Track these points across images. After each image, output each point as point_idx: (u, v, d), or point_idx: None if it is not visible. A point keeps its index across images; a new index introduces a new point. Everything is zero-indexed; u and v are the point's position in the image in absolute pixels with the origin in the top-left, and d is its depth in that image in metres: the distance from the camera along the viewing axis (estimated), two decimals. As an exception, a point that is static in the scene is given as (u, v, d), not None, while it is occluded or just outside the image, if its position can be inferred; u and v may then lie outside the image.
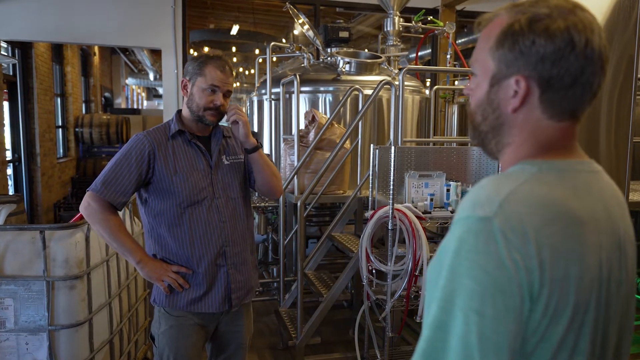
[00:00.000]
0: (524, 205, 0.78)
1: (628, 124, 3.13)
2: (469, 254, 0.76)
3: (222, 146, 2.13)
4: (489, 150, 0.95)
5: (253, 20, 9.53)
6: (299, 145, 3.88)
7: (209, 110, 2.03)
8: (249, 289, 2.18)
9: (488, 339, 0.73)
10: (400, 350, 3.44)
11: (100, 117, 10.29)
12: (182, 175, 2.01)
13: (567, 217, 0.80)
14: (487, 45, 0.88)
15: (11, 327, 2.38)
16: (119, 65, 16.01)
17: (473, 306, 0.74)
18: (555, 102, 0.85)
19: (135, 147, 2.00)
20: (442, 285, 0.78)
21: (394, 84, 3.43)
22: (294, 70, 4.52)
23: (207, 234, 2.04)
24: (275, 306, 4.25)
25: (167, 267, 2.02)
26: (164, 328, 2.08)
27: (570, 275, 0.78)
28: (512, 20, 0.85)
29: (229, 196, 2.10)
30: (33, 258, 2.39)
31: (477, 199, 0.81)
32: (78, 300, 2.46)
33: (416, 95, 4.67)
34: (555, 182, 0.84)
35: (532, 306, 0.75)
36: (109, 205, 1.99)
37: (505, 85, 0.87)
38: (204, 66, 2.02)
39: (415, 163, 3.13)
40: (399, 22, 4.71)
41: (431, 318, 0.78)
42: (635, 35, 3.05)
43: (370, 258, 2.90)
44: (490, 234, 0.75)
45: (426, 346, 0.78)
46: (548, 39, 0.81)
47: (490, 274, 0.74)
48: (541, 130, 0.87)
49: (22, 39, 6.25)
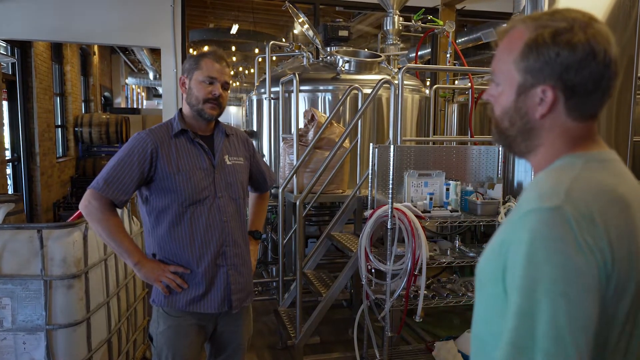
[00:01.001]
0: (587, 192, 0.87)
1: (628, 123, 3.13)
2: (545, 241, 0.82)
3: (224, 146, 2.12)
4: (517, 151, 1.02)
5: (253, 20, 9.52)
6: (298, 145, 3.87)
7: (208, 102, 2.01)
8: (249, 291, 2.18)
9: (576, 319, 0.79)
10: (400, 350, 3.43)
11: (99, 116, 10.28)
12: (185, 174, 1.99)
13: (620, 201, 0.89)
14: (511, 57, 0.95)
15: (9, 326, 2.37)
16: (118, 64, 16.00)
17: (558, 290, 0.79)
18: (579, 107, 0.93)
19: (137, 146, 1.99)
20: (520, 275, 0.82)
21: (393, 83, 3.43)
22: (293, 70, 4.51)
23: (208, 233, 2.02)
24: (274, 306, 4.24)
25: (164, 268, 2.00)
26: (162, 328, 2.06)
27: (632, 252, 0.86)
28: (535, 33, 0.92)
29: (230, 196, 2.08)
30: (31, 257, 2.38)
31: (541, 192, 0.88)
32: (76, 299, 2.45)
33: (416, 94, 4.66)
34: (602, 170, 0.93)
35: (607, 285, 0.83)
36: (110, 203, 1.97)
37: (532, 94, 0.94)
38: (200, 60, 2.03)
39: (414, 162, 3.12)
40: (398, 21, 4.70)
41: (514, 307, 0.82)
42: (635, 35, 3.04)
43: (370, 257, 2.89)
44: (564, 220, 0.82)
45: (514, 335, 0.81)
46: (571, 51, 0.90)
47: (571, 258, 0.80)
48: (568, 131, 0.95)
49: (21, 38, 6.24)
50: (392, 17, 4.68)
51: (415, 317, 2.83)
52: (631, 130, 3.14)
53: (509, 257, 0.86)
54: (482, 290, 0.96)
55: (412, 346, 3.58)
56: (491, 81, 1.03)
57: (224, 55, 2.09)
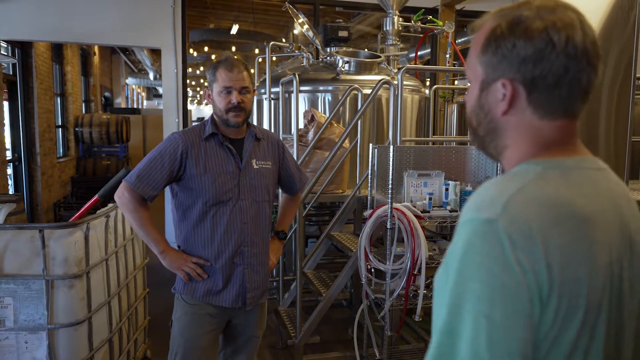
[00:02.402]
0: (530, 205, 0.77)
1: (627, 123, 3.14)
2: (476, 256, 0.75)
3: (253, 150, 2.22)
4: (489, 153, 0.96)
5: (253, 20, 9.53)
6: (298, 145, 3.88)
7: (230, 111, 2.11)
8: (264, 289, 2.29)
9: (497, 343, 0.72)
10: (399, 349, 3.45)
11: (100, 116, 10.29)
12: (211, 175, 2.11)
13: (574, 217, 0.78)
14: (476, 51, 0.89)
15: (10, 325, 2.38)
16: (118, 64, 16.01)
17: (481, 310, 0.73)
18: (544, 102, 0.85)
19: (170, 146, 2.12)
20: (450, 289, 0.77)
21: (393, 84, 3.44)
22: (293, 70, 4.52)
23: (228, 233, 2.13)
24: (274, 305, 4.25)
25: (187, 258, 2.15)
26: (178, 314, 2.21)
27: (580, 276, 0.76)
28: (494, 24, 0.86)
29: (253, 199, 2.18)
30: (32, 257, 2.39)
31: (481, 201, 0.80)
32: (77, 299, 2.46)
33: (415, 94, 4.67)
34: (560, 180, 0.82)
35: (542, 310, 0.74)
36: (141, 197, 2.11)
37: (493, 90, 0.87)
38: (216, 72, 2.12)
39: (414, 162, 3.13)
40: (398, 21, 4.72)
41: (440, 323, 0.77)
42: (634, 35, 3.05)
43: (369, 257, 2.90)
44: (496, 236, 0.74)
45: (436, 352, 0.77)
46: (527, 41, 0.82)
47: (498, 276, 0.73)
48: (536, 130, 0.87)
49: (22, 38, 6.26)
50: (391, 17, 4.69)
51: (415, 316, 2.85)
52: (629, 130, 3.16)
53: (449, 269, 0.80)
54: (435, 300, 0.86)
55: (411, 345, 3.60)
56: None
57: (238, 61, 2.16)
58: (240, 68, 2.13)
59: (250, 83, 2.16)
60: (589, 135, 3.10)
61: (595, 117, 3.09)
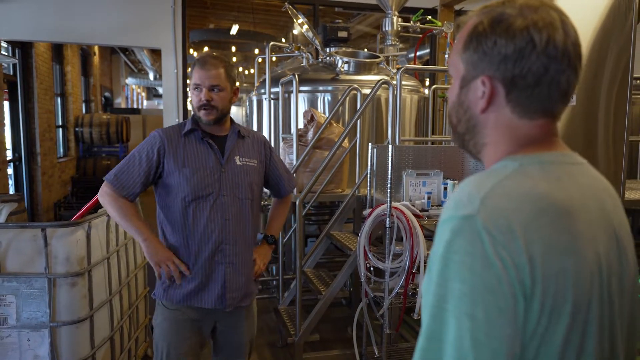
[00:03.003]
0: (508, 200, 0.76)
1: (624, 123, 3.17)
2: (456, 255, 0.74)
3: (236, 146, 2.18)
4: (469, 151, 0.95)
5: (252, 20, 9.55)
6: (298, 144, 3.91)
7: (201, 109, 2.08)
8: (247, 292, 2.21)
9: (482, 343, 0.70)
10: (398, 347, 3.47)
11: (100, 116, 10.31)
12: (190, 169, 2.07)
13: (554, 209, 0.77)
14: (458, 48, 0.89)
15: (13, 323, 2.41)
16: (118, 65, 16.03)
17: (464, 309, 0.71)
18: (522, 101, 0.84)
19: (148, 143, 2.12)
20: (433, 291, 0.75)
21: (392, 84, 3.46)
22: (293, 70, 4.55)
23: (208, 229, 2.08)
24: (274, 304, 4.28)
25: (169, 255, 2.08)
26: (159, 320, 2.16)
27: (565, 269, 0.75)
28: (477, 21, 0.85)
29: (235, 195, 2.13)
30: (35, 255, 2.42)
31: (459, 199, 0.79)
32: (79, 297, 2.48)
33: (414, 94, 4.70)
34: (538, 175, 0.81)
35: (527, 305, 0.72)
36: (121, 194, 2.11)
37: (473, 87, 0.87)
38: (192, 69, 2.12)
39: (413, 162, 3.15)
40: (397, 22, 4.74)
41: (424, 327, 0.76)
42: (631, 37, 3.08)
43: (369, 256, 2.92)
44: (475, 232, 0.73)
45: (421, 357, 0.76)
46: (508, 39, 0.81)
47: (478, 274, 0.72)
48: (515, 129, 0.86)
49: (22, 38, 6.28)
50: (391, 18, 4.71)
51: (414, 314, 2.87)
52: (627, 130, 3.19)
53: (432, 271, 0.78)
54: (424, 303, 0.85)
55: (410, 343, 3.61)
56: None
57: (212, 59, 2.10)
58: (212, 66, 2.08)
59: (224, 81, 2.09)
60: (588, 135, 3.12)
61: (594, 117, 3.12)
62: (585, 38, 3.03)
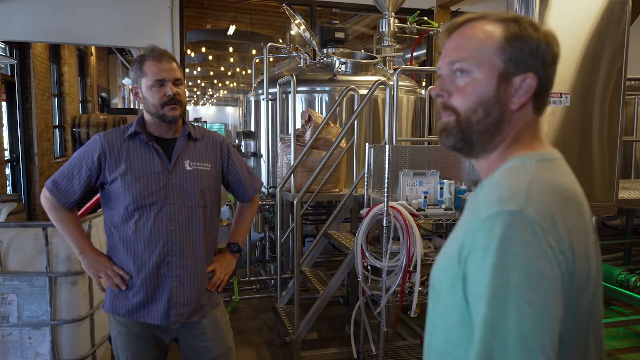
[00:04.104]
0: (544, 192, 0.86)
1: (618, 124, 3.21)
2: (510, 247, 0.79)
3: (186, 150, 2.00)
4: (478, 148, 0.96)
5: (250, 21, 9.58)
6: (296, 145, 3.94)
7: (166, 105, 1.91)
8: (197, 306, 2.01)
9: (542, 326, 0.77)
10: (395, 345, 3.50)
11: (97, 117, 10.31)
12: (132, 177, 1.92)
13: (574, 199, 0.89)
14: (487, 45, 0.92)
15: (14, 322, 2.43)
16: (115, 65, 16.02)
17: (523, 297, 0.77)
18: (542, 100, 0.96)
19: (88, 150, 1.97)
20: (486, 284, 0.79)
21: (388, 84, 3.49)
22: (290, 71, 4.58)
23: (152, 240, 1.92)
24: (272, 303, 4.30)
25: (107, 265, 1.96)
26: (114, 334, 2.04)
27: (587, 250, 0.88)
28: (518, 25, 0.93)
29: (184, 203, 1.96)
30: (36, 254, 2.44)
31: (502, 195, 0.85)
32: (80, 295, 2.51)
33: (411, 95, 4.73)
34: (554, 170, 0.93)
35: (570, 283, 0.83)
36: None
37: (512, 83, 0.93)
38: (142, 65, 1.93)
39: (409, 161, 3.18)
40: (394, 23, 4.77)
41: (482, 318, 0.79)
42: (624, 39, 3.12)
43: (366, 255, 2.95)
44: (527, 224, 0.80)
45: (483, 347, 0.78)
46: (547, 45, 0.93)
47: (535, 263, 0.79)
48: (531, 125, 0.97)
49: (20, 39, 6.28)
50: (387, 19, 4.75)
51: (410, 312, 2.90)
52: (620, 130, 3.23)
53: (468, 265, 0.84)
54: (439, 299, 0.92)
55: (407, 341, 3.65)
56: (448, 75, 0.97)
57: (165, 51, 1.97)
58: (169, 59, 1.94)
59: (181, 74, 1.97)
60: (582, 136, 3.16)
61: (588, 117, 3.16)
62: (580, 40, 3.07)
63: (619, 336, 4.15)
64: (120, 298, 1.97)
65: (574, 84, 3.09)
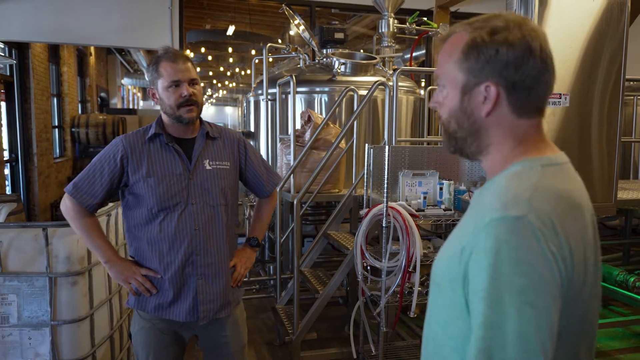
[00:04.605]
0: (547, 200, 0.87)
1: (617, 124, 3.22)
2: (512, 252, 0.81)
3: (205, 150, 2.03)
4: (469, 153, 1.02)
5: (249, 21, 9.58)
6: (295, 145, 3.94)
7: (182, 106, 1.93)
8: (224, 302, 2.06)
9: (542, 328, 0.80)
10: (395, 346, 3.51)
11: (96, 117, 10.30)
12: (155, 179, 1.94)
13: (575, 206, 0.91)
14: (452, 59, 0.97)
15: (14, 322, 2.43)
16: (114, 65, 16.01)
17: (525, 300, 0.80)
18: (522, 103, 0.94)
19: (109, 152, 1.98)
20: (486, 286, 0.82)
21: (388, 85, 3.50)
22: (290, 71, 4.58)
23: (177, 241, 1.95)
24: (272, 303, 4.30)
25: (135, 270, 1.97)
26: (136, 329, 2.06)
27: (586, 257, 0.90)
28: (474, 34, 0.94)
29: (206, 203, 1.99)
30: (36, 255, 2.45)
31: (505, 200, 0.87)
32: (80, 296, 2.51)
33: (410, 95, 4.74)
34: (558, 175, 0.93)
35: (568, 288, 0.85)
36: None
37: (476, 93, 0.95)
38: (158, 67, 1.95)
39: (409, 162, 3.19)
40: (393, 23, 4.78)
41: (481, 318, 0.82)
42: (623, 41, 3.13)
43: (365, 255, 2.96)
44: (529, 230, 0.82)
45: (482, 345, 0.81)
46: (509, 47, 0.91)
47: (536, 268, 0.81)
48: (515, 128, 0.96)
49: (19, 39, 6.28)
50: (387, 19, 4.76)
51: (410, 312, 2.90)
52: (619, 131, 3.24)
53: (470, 265, 0.86)
54: (440, 293, 0.95)
55: (406, 342, 3.65)
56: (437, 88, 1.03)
57: (180, 52, 2.00)
58: (184, 59, 1.95)
59: (197, 75, 1.98)
60: (582, 136, 3.17)
61: (588, 118, 3.17)
62: (579, 41, 3.08)
63: (618, 336, 4.15)
64: (146, 296, 1.99)
65: (573, 85, 3.10)
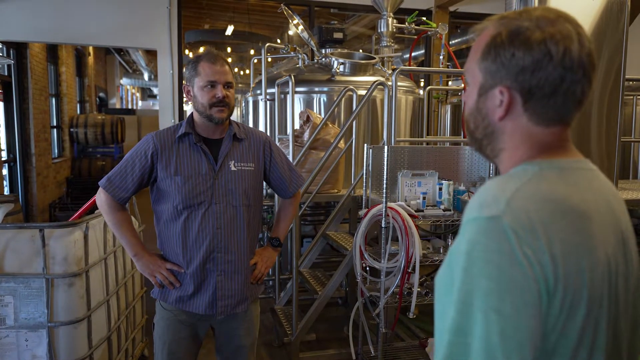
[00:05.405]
0: (530, 202, 0.81)
1: (617, 124, 3.21)
2: (482, 253, 0.77)
3: (231, 151, 2.11)
4: (485, 155, 0.98)
5: (248, 21, 9.57)
6: (294, 145, 3.93)
7: (214, 106, 2.01)
8: (241, 298, 2.15)
9: (509, 336, 0.74)
10: (394, 346, 3.50)
11: (95, 117, 10.29)
12: (181, 177, 2.03)
13: (572, 212, 0.82)
14: (476, 56, 0.92)
15: (11, 324, 2.41)
16: (113, 65, 16.00)
17: (491, 305, 0.75)
18: (539, 110, 0.88)
19: (141, 147, 2.08)
20: (458, 288, 0.78)
21: (387, 85, 3.49)
22: (288, 71, 4.57)
23: (199, 238, 2.05)
24: (270, 304, 4.29)
25: (160, 264, 2.09)
26: (157, 318, 2.19)
27: (582, 268, 0.80)
28: (495, 32, 0.88)
29: (229, 203, 2.07)
30: (32, 256, 2.43)
31: (483, 200, 0.83)
32: (77, 297, 2.49)
33: (409, 95, 4.73)
34: (557, 179, 0.86)
35: (549, 301, 0.77)
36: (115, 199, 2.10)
37: (491, 95, 0.90)
38: (197, 65, 2.03)
39: (408, 162, 3.18)
40: (392, 23, 4.77)
41: (450, 322, 0.79)
42: (623, 39, 3.12)
43: (364, 255, 2.95)
44: (501, 232, 0.77)
45: (448, 351, 0.78)
46: (526, 51, 0.85)
47: (506, 271, 0.76)
48: (531, 135, 0.90)
49: (17, 39, 6.26)
50: (386, 19, 4.74)
51: (409, 313, 2.89)
52: (619, 130, 3.23)
53: (453, 268, 0.82)
54: (439, 300, 0.90)
55: (406, 342, 3.64)
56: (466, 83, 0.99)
57: (220, 55, 2.08)
58: (222, 62, 2.04)
59: (233, 78, 2.07)
60: (581, 136, 3.16)
61: (587, 118, 3.16)
62: (578, 40, 3.07)
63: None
64: (170, 288, 2.11)
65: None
